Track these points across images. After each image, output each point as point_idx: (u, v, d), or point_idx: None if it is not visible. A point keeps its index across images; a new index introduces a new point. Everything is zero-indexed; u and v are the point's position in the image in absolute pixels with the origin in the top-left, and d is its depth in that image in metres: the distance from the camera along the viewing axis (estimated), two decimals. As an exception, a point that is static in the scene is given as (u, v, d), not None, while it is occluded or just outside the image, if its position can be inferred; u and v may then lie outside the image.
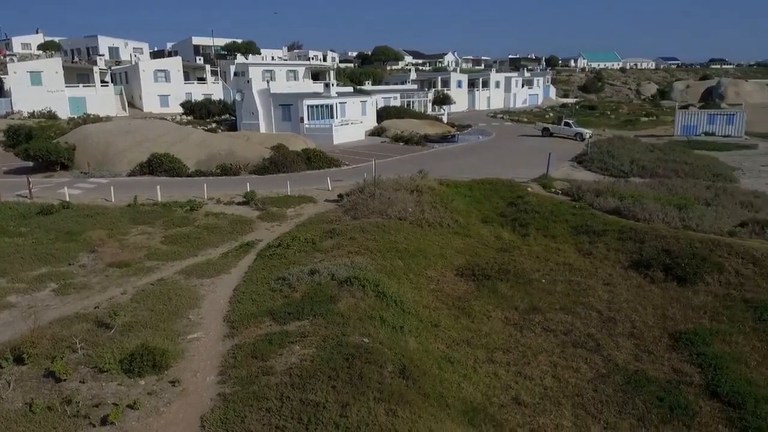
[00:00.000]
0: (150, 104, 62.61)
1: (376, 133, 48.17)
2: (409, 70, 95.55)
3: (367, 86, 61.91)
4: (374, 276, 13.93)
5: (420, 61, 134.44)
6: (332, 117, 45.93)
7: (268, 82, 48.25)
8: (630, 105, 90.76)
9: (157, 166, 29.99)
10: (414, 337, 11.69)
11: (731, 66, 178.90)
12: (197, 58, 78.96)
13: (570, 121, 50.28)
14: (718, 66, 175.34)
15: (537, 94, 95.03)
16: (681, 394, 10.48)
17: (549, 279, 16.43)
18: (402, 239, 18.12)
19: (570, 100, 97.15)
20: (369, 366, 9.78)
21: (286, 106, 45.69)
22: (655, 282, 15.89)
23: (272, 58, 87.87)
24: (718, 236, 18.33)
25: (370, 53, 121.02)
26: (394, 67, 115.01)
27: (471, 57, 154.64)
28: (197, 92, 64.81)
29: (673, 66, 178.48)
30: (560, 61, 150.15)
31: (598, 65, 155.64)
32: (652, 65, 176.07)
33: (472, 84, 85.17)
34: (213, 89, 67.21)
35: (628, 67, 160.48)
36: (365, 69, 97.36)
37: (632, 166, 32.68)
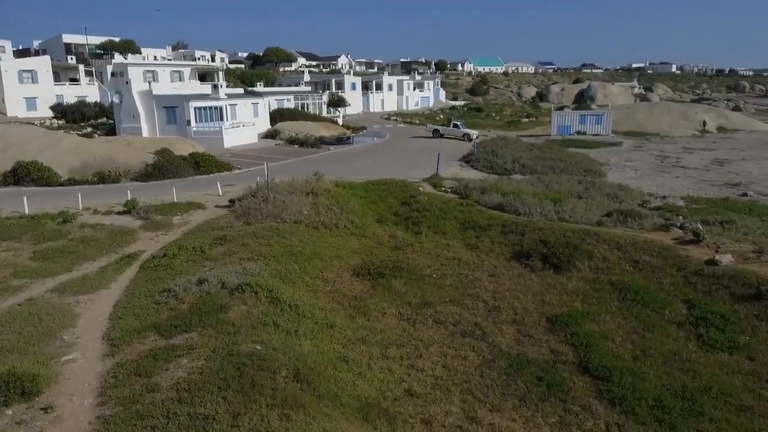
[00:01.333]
0: (14, 108, 56.53)
1: (269, 135, 47.30)
2: (303, 71, 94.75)
3: (259, 88, 60.54)
4: (268, 282, 13.70)
5: (313, 63, 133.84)
6: (222, 119, 44.39)
7: (149, 83, 45.62)
8: (512, 107, 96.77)
9: (24, 175, 27.29)
10: (309, 339, 11.66)
11: (600, 70, 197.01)
12: (69, 57, 72.57)
13: (458, 123, 52.70)
14: (589, 70, 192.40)
15: (428, 97, 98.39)
16: (557, 373, 11.39)
17: (440, 274, 17.12)
18: (297, 242, 17.97)
19: (459, 103, 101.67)
20: (261, 373, 9.62)
21: (171, 109, 43.44)
22: (535, 271, 17.10)
23: (155, 58, 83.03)
24: (588, 226, 20.09)
25: (261, 54, 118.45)
26: (287, 68, 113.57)
27: (364, 60, 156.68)
28: (70, 94, 59.54)
29: (550, 70, 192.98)
30: (449, 65, 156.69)
31: (484, 69, 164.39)
32: (531, 69, 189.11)
33: (365, 86, 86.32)
34: (88, 91, 62.14)
35: (510, 71, 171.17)
36: (257, 70, 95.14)
37: (514, 165, 34.96)
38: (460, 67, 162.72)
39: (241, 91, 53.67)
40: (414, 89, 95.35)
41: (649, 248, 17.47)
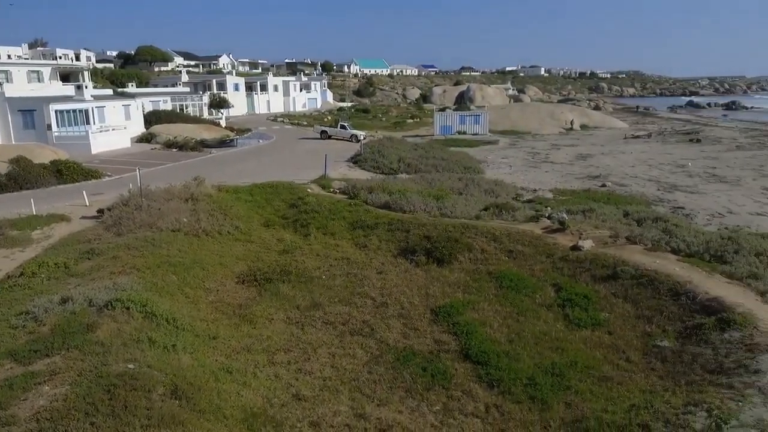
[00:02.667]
0: None
1: (144, 139, 44.43)
2: (180, 71, 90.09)
3: (131, 89, 56.64)
4: (141, 296, 12.81)
5: (192, 63, 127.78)
6: (88, 123, 40.84)
7: (1, 85, 40.83)
8: (398, 108, 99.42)
9: None
10: (189, 353, 11.08)
11: (478, 73, 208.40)
12: None
13: (345, 124, 53.09)
14: (468, 73, 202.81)
15: (316, 98, 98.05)
16: (441, 362, 11.85)
17: (329, 274, 17.10)
18: (176, 252, 17.02)
19: (346, 104, 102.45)
20: (135, 393, 8.97)
21: (28, 112, 39.22)
22: (420, 265, 17.66)
23: (8, 56, 74.50)
24: (467, 220, 21.12)
25: (133, 53, 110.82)
26: (162, 68, 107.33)
27: (247, 60, 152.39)
28: None
29: (432, 72, 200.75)
30: (335, 67, 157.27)
31: (369, 71, 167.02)
32: (415, 72, 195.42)
33: (250, 87, 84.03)
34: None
35: (395, 73, 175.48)
36: (128, 70, 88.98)
37: (400, 164, 35.92)
38: (346, 69, 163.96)
39: (110, 92, 49.90)
40: (301, 90, 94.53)
41: (521, 238, 18.76)
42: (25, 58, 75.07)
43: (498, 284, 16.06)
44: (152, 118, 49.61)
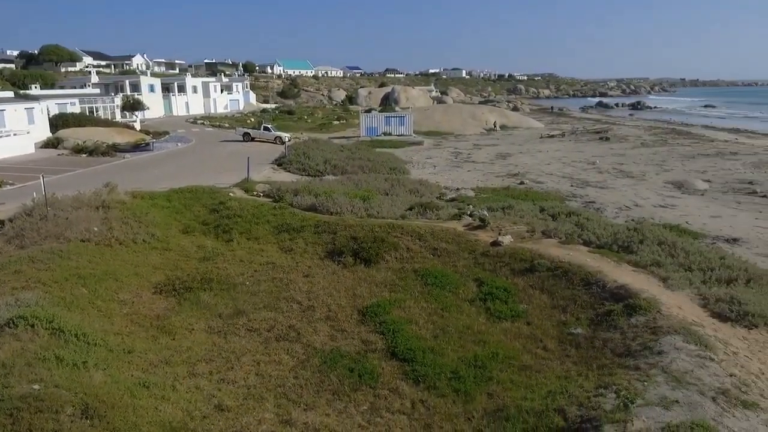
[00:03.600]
0: None
1: (50, 144, 41.54)
2: (90, 72, 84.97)
3: (35, 90, 52.71)
4: (47, 312, 11.93)
5: (103, 63, 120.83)
6: (-14, 128, 37.67)
7: None
8: (324, 110, 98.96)
9: None
10: (102, 370, 10.43)
11: (402, 75, 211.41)
12: None
13: (269, 126, 52.16)
14: (393, 75, 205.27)
15: (238, 100, 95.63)
16: (368, 361, 11.89)
17: (253, 280, 16.70)
18: (85, 263, 16.00)
19: (270, 106, 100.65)
20: (41, 415, 8.35)
21: None
22: (347, 267, 17.64)
23: None
24: (393, 220, 21.35)
25: (37, 53, 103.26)
26: (70, 69, 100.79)
27: (164, 60, 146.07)
28: None
29: (357, 74, 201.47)
30: (257, 68, 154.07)
31: (294, 72, 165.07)
32: (340, 73, 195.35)
33: (167, 89, 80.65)
34: None
35: (320, 74, 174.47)
36: (32, 71, 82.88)
37: (326, 166, 35.74)
38: (269, 70, 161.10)
39: (10, 94, 46.13)
40: (222, 92, 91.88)
41: (445, 236, 19.20)
42: None
43: (423, 282, 16.34)
44: (59, 122, 46.40)
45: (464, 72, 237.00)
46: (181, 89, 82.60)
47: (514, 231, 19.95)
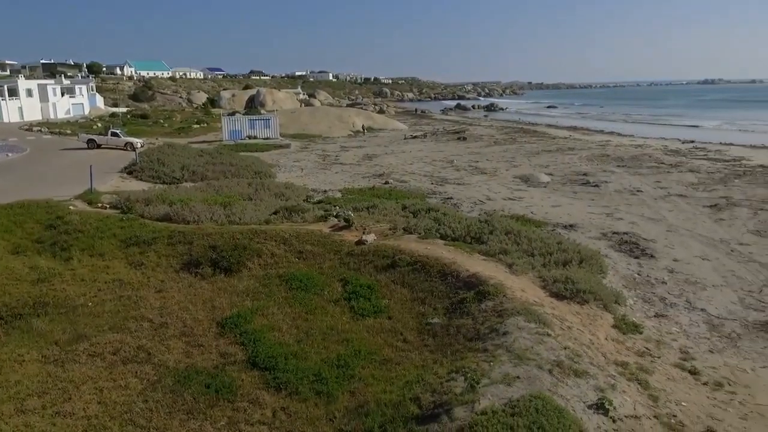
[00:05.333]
0: None
1: None
2: None
3: None
4: None
5: None
6: None
7: None
8: (183, 113, 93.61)
9: None
10: None
11: (268, 77, 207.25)
12: None
13: (118, 131, 48.14)
14: (258, 77, 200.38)
15: (82, 104, 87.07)
16: (226, 375, 11.36)
17: (97, 300, 15.22)
18: None
19: (121, 110, 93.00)
20: None
21: None
22: (205, 278, 16.78)
23: None
24: (256, 226, 20.74)
25: None
26: None
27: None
28: None
29: (219, 76, 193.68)
30: (104, 69, 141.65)
31: (147, 74, 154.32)
32: (200, 75, 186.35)
33: (-6, 92, 70.96)
34: None
35: (178, 76, 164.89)
36: None
37: (183, 172, 33.76)
38: (119, 71, 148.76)
39: None
40: (63, 95, 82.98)
41: (310, 238, 19.07)
42: None
43: (288, 286, 16.05)
44: None
45: (331, 75, 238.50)
46: (13, 93, 73.08)
47: (378, 229, 20.39)
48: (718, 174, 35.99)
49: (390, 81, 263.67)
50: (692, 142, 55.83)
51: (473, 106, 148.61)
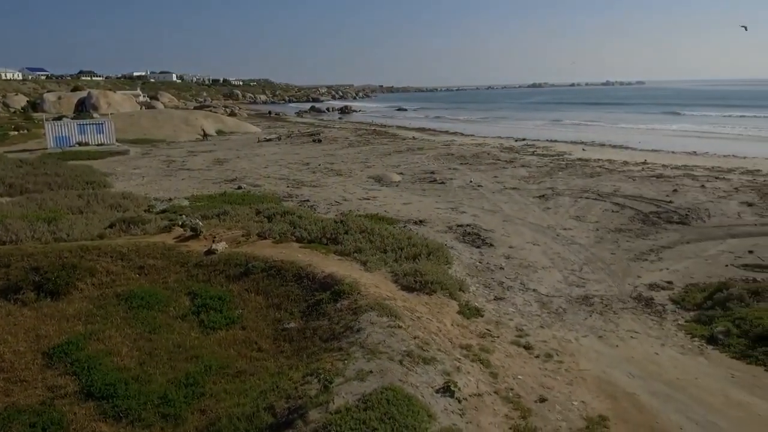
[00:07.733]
0: None
1: None
2: None
3: None
4: None
5: None
6: None
7: None
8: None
9: None
10: None
11: (101, 78, 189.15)
12: None
13: None
14: (89, 78, 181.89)
15: None
16: (55, 410, 10.10)
17: None
18: None
19: None
20: None
21: None
22: (27, 304, 14.79)
23: None
24: (88, 242, 18.76)
25: None
26: None
27: None
28: None
29: (42, 77, 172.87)
30: None
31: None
32: (19, 76, 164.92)
33: None
34: None
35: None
36: None
37: (-2, 186, 29.45)
38: None
39: None
40: None
41: (152, 251, 17.72)
42: None
43: (128, 305, 14.74)
44: None
45: (175, 76, 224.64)
46: None
47: (229, 236, 19.61)
48: (545, 168, 40.29)
49: (241, 83, 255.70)
50: (524, 139, 61.98)
51: (328, 109, 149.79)
